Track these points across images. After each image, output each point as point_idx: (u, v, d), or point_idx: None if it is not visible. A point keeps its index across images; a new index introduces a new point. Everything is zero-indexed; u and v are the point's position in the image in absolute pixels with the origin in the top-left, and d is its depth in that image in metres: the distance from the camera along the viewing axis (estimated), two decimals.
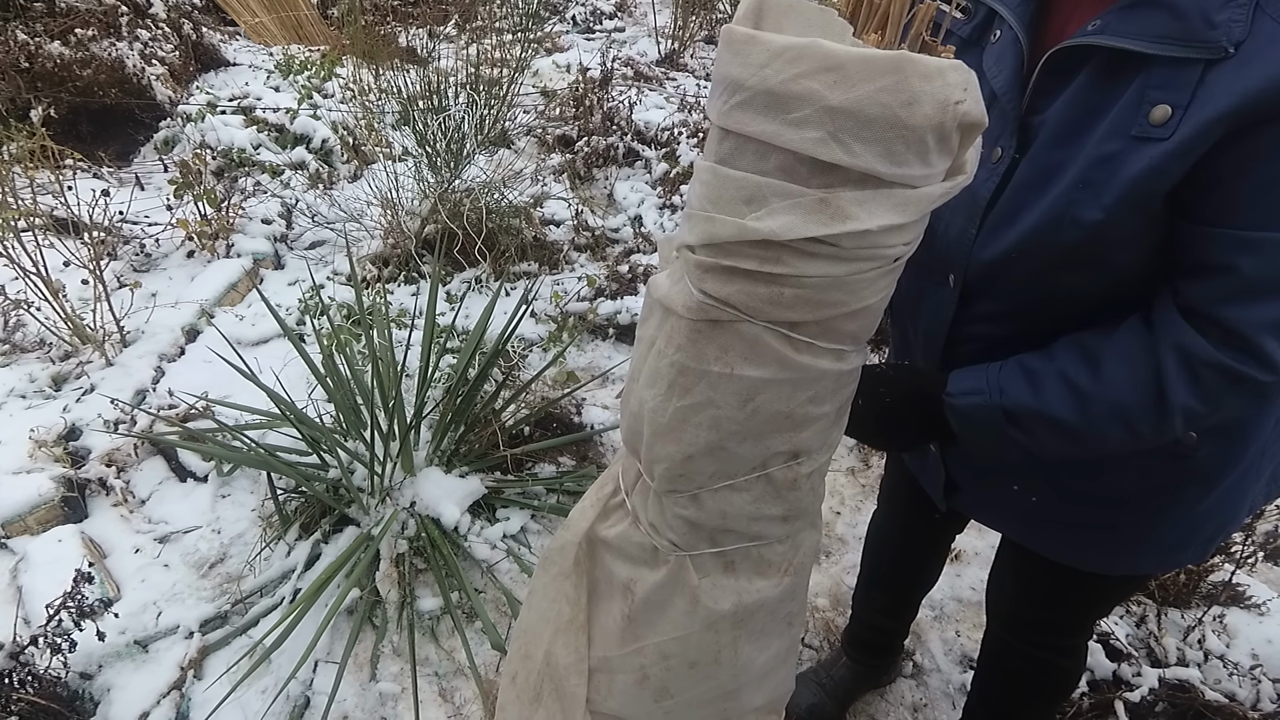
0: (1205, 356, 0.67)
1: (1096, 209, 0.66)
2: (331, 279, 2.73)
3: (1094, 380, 0.71)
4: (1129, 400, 0.70)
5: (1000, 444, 0.77)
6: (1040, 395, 0.73)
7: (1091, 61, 0.67)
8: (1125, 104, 0.65)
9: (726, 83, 0.56)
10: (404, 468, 1.83)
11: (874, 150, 0.52)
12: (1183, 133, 0.61)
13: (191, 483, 1.95)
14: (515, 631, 0.96)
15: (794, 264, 0.57)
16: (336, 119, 3.49)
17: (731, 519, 0.71)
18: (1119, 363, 0.70)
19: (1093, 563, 0.94)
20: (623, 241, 3.03)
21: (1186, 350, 0.67)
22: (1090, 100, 0.68)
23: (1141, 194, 0.65)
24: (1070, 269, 0.72)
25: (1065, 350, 0.74)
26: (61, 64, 3.19)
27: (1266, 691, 1.53)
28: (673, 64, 4.64)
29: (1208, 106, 0.60)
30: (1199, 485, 0.84)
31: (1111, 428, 0.72)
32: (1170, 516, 0.87)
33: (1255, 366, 0.66)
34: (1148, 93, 0.63)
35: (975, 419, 0.77)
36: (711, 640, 0.77)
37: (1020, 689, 1.21)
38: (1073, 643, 1.13)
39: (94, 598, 1.57)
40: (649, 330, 0.70)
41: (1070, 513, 0.90)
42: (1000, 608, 1.17)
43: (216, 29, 4.45)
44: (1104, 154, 0.66)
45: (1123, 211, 0.66)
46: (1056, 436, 0.74)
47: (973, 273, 0.79)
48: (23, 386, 2.14)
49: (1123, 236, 0.68)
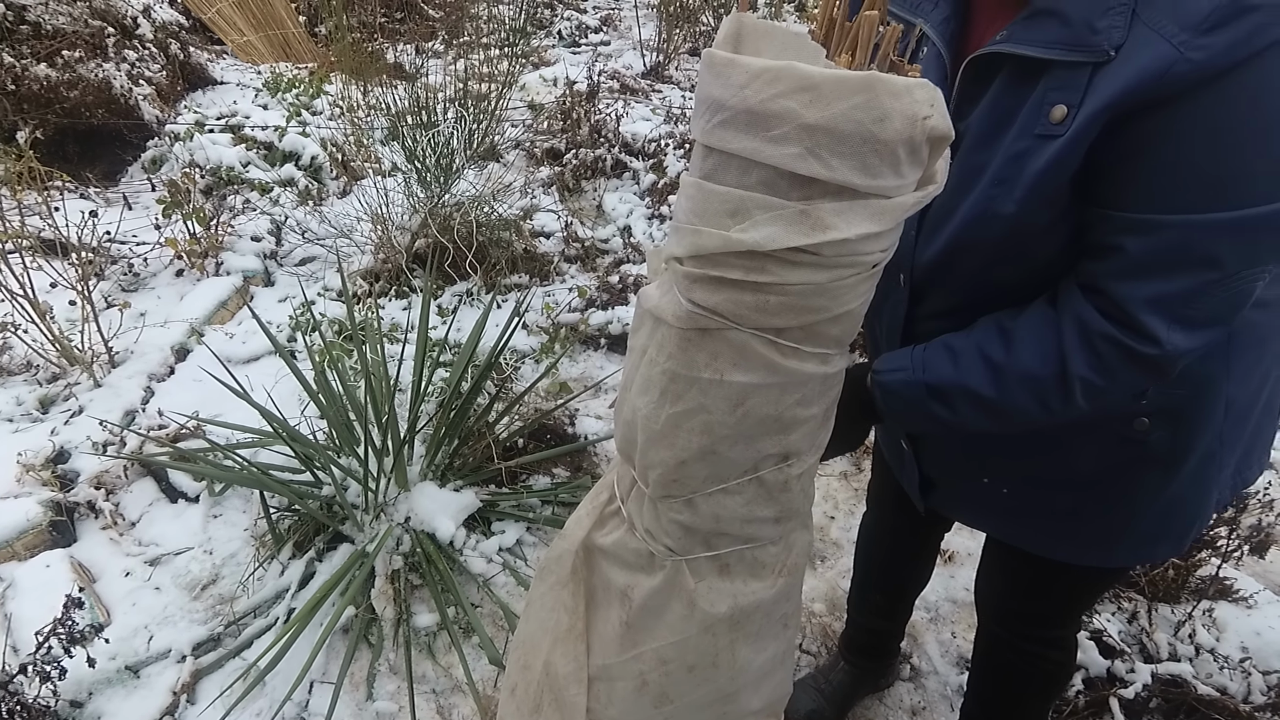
0: (1098, 328, 0.72)
1: (1010, 203, 0.72)
2: (322, 295, 2.73)
3: (1006, 354, 0.76)
4: (1037, 371, 0.75)
5: (924, 418, 0.82)
6: (959, 369, 0.79)
7: (1004, 69, 0.73)
8: (1031, 106, 0.71)
9: (709, 103, 0.59)
10: (398, 483, 1.83)
11: (849, 164, 0.55)
12: (1076, 126, 0.67)
13: (182, 503, 1.94)
14: (514, 643, 0.97)
15: (778, 273, 0.59)
16: (325, 135, 3.51)
17: (725, 522, 0.72)
18: (1028, 337, 0.76)
19: (1066, 553, 0.97)
20: (612, 252, 3.05)
21: (1083, 322, 0.73)
22: (1004, 104, 0.73)
23: (1047, 186, 0.70)
24: (1000, 263, 0.78)
25: (983, 328, 0.80)
26: (48, 86, 3.19)
27: (1257, 684, 1.55)
28: (658, 76, 4.68)
29: (1093, 101, 0.66)
30: (1158, 471, 0.87)
31: (1023, 399, 0.77)
32: (1137, 504, 0.90)
33: (1140, 341, 0.71)
34: (1048, 94, 0.69)
35: (899, 393, 0.82)
36: (709, 643, 0.78)
37: (1013, 684, 1.22)
38: (1061, 634, 1.15)
39: (84, 623, 1.55)
40: (640, 340, 0.71)
41: (1039, 501, 0.94)
42: (989, 602, 1.20)
43: (204, 48, 4.46)
44: (1015, 152, 0.71)
45: (1032, 204, 0.71)
46: (975, 408, 0.79)
47: (919, 272, 0.85)
48: (10, 410, 2.13)
49: (1037, 229, 0.74)
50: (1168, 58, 0.62)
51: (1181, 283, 0.69)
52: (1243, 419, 0.87)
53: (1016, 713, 1.26)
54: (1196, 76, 0.61)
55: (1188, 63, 0.61)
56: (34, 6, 3.33)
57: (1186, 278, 0.68)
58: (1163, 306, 0.70)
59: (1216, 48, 0.60)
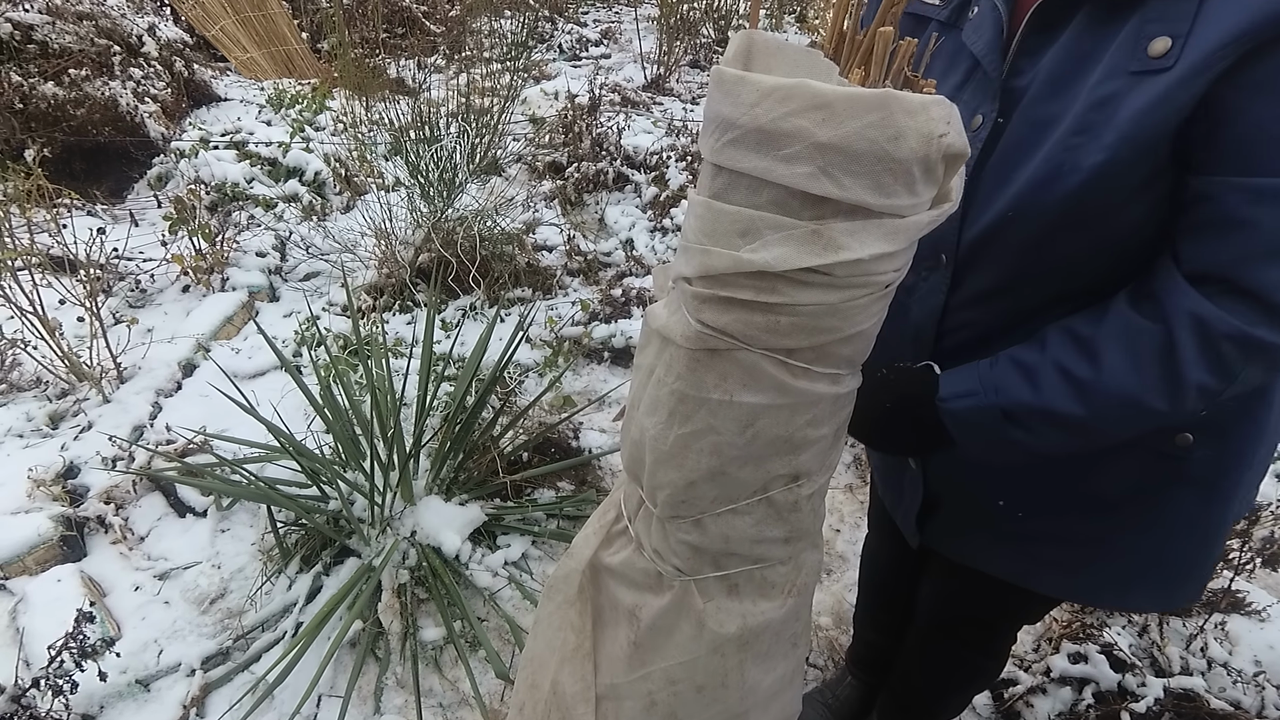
0: (1223, 329, 0.61)
1: (1097, 150, 0.62)
2: (327, 310, 2.74)
3: (1094, 370, 0.66)
4: (1135, 385, 0.65)
5: (1000, 445, 0.73)
6: (1039, 391, 0.69)
7: (1082, 9, 0.66)
8: (1121, 44, 0.62)
9: (718, 121, 0.58)
10: (404, 497, 1.83)
11: (863, 183, 0.54)
12: (1187, 59, 0.58)
13: (191, 518, 1.94)
14: (521, 661, 0.96)
15: (789, 293, 0.59)
16: (329, 151, 3.53)
17: (734, 542, 0.72)
18: (1118, 347, 0.66)
19: (1079, 593, 0.89)
20: (615, 265, 3.06)
21: (1203, 323, 0.61)
22: (1083, 47, 0.65)
23: (1147, 131, 0.60)
24: (1069, 229, 0.67)
25: (1057, 340, 0.70)
26: (55, 104, 3.22)
27: (1271, 698, 1.53)
28: (659, 89, 4.71)
29: (1210, 30, 0.57)
30: (1197, 495, 0.78)
31: (1120, 415, 0.67)
32: (1168, 535, 0.80)
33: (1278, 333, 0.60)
34: (1144, 27, 0.60)
35: (972, 422, 0.73)
36: (718, 664, 0.77)
37: (942, 679, 1.24)
38: (1003, 645, 1.15)
39: (95, 637, 1.55)
40: (648, 359, 0.71)
41: (1057, 529, 0.84)
42: (930, 606, 1.16)
43: (208, 65, 4.50)
44: (1101, 96, 0.62)
45: (1126, 151, 0.61)
46: (1061, 431, 0.69)
47: (965, 247, 0.75)
48: (20, 426, 2.14)
49: (1127, 185, 0.63)
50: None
51: None
52: (1274, 437, 0.79)
53: (938, 701, 1.28)
54: None
55: None
56: (41, 26, 3.36)
57: None
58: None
59: None
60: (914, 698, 1.31)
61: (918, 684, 1.28)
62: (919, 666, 1.26)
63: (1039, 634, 1.77)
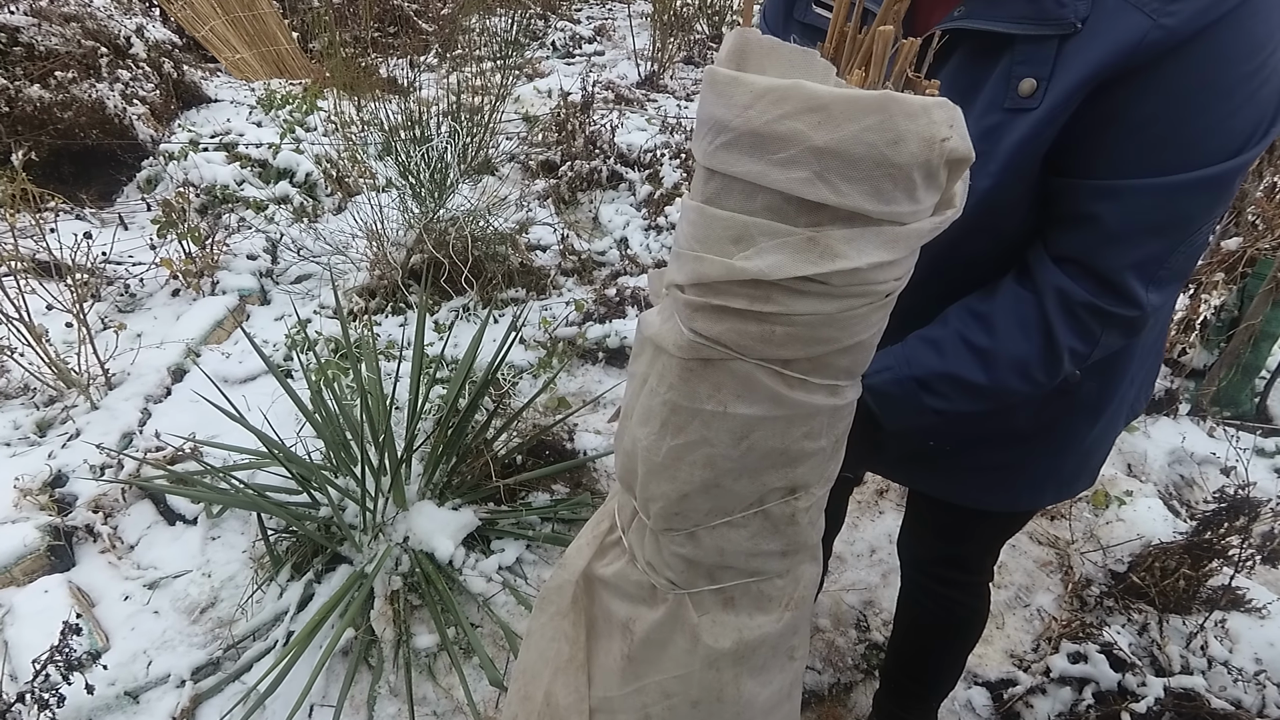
0: (1079, 298, 0.74)
1: (984, 177, 0.72)
2: (318, 313, 2.72)
3: (990, 338, 0.78)
4: (1024, 351, 0.77)
5: (919, 413, 0.83)
6: (945, 358, 0.80)
7: (961, 46, 0.73)
8: (995, 80, 0.71)
9: (711, 123, 0.56)
10: (396, 502, 1.81)
11: (861, 189, 0.52)
12: (1050, 100, 0.68)
13: (180, 526, 1.92)
14: (514, 672, 0.95)
15: (784, 302, 0.57)
16: (320, 152, 3.50)
17: (729, 556, 0.70)
18: (1008, 318, 0.78)
19: (1001, 503, 1.03)
20: (609, 264, 3.04)
21: (1064, 294, 0.74)
22: (964, 81, 0.74)
23: (1024, 159, 0.71)
24: (970, 237, 0.77)
25: (957, 316, 0.81)
26: (42, 107, 3.18)
27: (1272, 697, 1.52)
28: (653, 86, 4.68)
29: (1067, 75, 0.67)
30: (1087, 417, 0.93)
31: (1014, 378, 0.79)
32: (1067, 451, 0.96)
33: (1122, 305, 0.74)
34: (1014, 68, 0.70)
35: (890, 393, 0.82)
36: (713, 678, 0.75)
37: (929, 635, 1.32)
38: (977, 580, 1.24)
39: (82, 649, 1.53)
40: (641, 367, 0.69)
41: (980, 457, 0.98)
42: (910, 552, 1.28)
43: (197, 66, 4.46)
44: (986, 127, 0.72)
45: (1008, 178, 0.73)
46: (968, 395, 0.80)
47: None
48: (6, 434, 2.11)
49: (1008, 202, 0.75)
50: (1141, 26, 0.63)
51: (1158, 245, 0.71)
52: (1146, 359, 0.94)
53: (932, 661, 1.36)
54: (1169, 43, 0.63)
55: (1161, 29, 0.62)
56: (27, 28, 3.32)
57: (1162, 239, 0.71)
58: (1142, 270, 0.72)
59: (1187, 13, 0.62)
60: (907, 671, 1.39)
61: (909, 646, 1.37)
62: (909, 626, 1.35)
63: (1038, 634, 1.77)
